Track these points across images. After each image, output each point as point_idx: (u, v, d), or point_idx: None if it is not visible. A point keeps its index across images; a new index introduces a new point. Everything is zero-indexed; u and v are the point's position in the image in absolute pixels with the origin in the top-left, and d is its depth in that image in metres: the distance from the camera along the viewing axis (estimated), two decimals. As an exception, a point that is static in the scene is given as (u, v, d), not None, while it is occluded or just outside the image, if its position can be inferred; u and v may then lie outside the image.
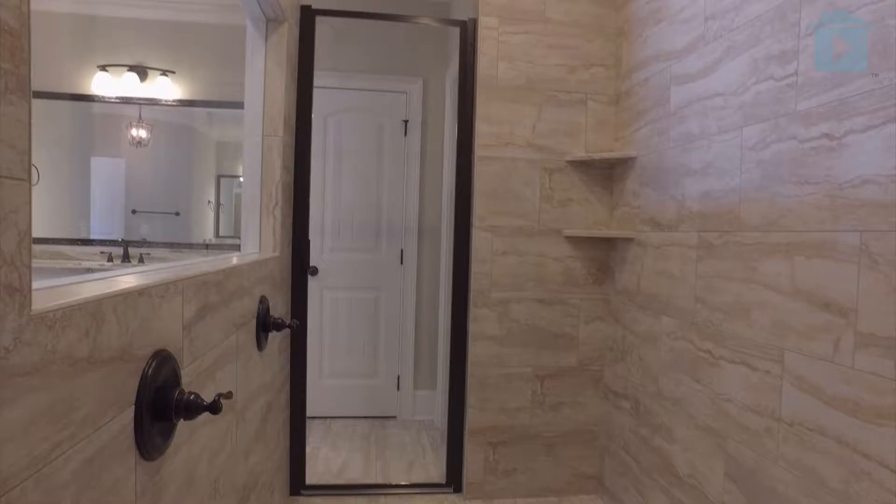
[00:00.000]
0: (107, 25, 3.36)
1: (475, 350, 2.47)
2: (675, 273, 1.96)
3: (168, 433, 0.90)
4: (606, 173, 2.52)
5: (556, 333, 2.52)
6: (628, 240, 2.33)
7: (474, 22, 2.51)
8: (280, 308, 2.15)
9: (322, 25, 2.64)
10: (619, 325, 2.42)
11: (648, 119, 2.18)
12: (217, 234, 3.60)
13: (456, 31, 2.60)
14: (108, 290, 0.76)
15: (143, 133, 3.44)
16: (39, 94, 3.23)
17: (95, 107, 3.40)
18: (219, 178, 3.64)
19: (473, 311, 2.46)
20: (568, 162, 2.49)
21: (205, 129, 3.62)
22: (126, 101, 3.37)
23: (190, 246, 3.45)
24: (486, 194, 2.45)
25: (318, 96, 2.54)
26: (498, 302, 2.47)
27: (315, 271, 3.39)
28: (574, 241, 2.50)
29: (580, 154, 2.48)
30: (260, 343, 1.68)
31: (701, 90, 1.81)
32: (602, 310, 2.54)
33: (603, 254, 2.53)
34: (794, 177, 1.39)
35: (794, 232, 1.39)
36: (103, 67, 3.34)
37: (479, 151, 2.45)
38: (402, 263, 3.52)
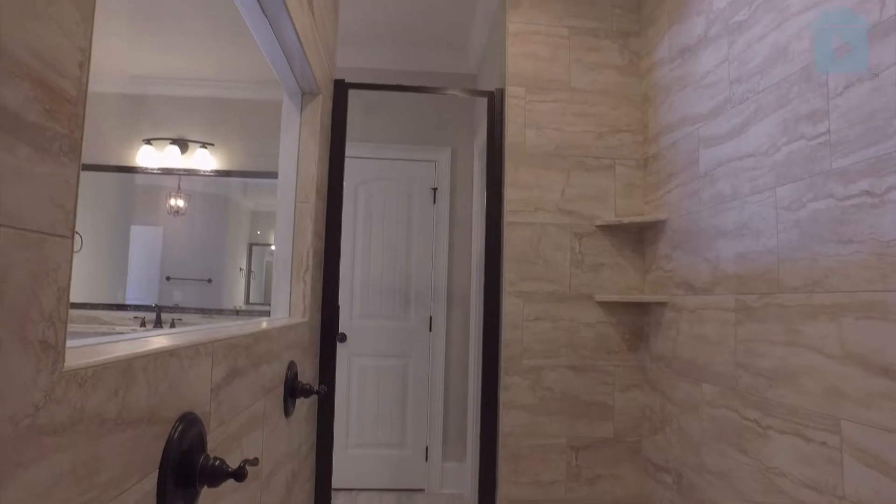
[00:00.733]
0: (154, 103, 3.58)
1: (506, 420, 2.38)
2: (712, 337, 1.89)
3: (191, 500, 0.87)
4: (637, 237, 2.50)
5: (591, 402, 2.43)
6: (662, 304, 2.27)
7: (501, 92, 2.59)
8: (308, 374, 2.13)
9: (354, 98, 2.77)
10: (656, 393, 2.32)
11: (678, 182, 2.18)
12: (247, 301, 3.64)
13: (483, 100, 2.69)
14: (139, 350, 0.76)
15: (180, 202, 3.57)
16: (90, 167, 3.42)
17: (139, 178, 3.57)
18: (251, 246, 3.72)
19: (504, 379, 2.39)
20: (598, 226, 2.48)
21: (239, 198, 3.75)
22: (167, 172, 3.53)
23: (220, 312, 3.49)
24: (516, 259, 2.44)
25: (349, 165, 2.62)
26: (530, 369, 2.41)
27: (343, 338, 3.37)
28: (606, 306, 2.45)
29: (610, 218, 2.47)
30: (287, 409, 1.64)
31: (730, 152, 1.81)
32: (638, 377, 2.44)
33: (636, 319, 2.47)
34: (835, 235, 1.35)
35: (839, 292, 1.34)
36: (148, 141, 3.53)
37: (508, 217, 2.47)
38: (430, 330, 3.48)
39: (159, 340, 0.92)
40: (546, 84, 2.54)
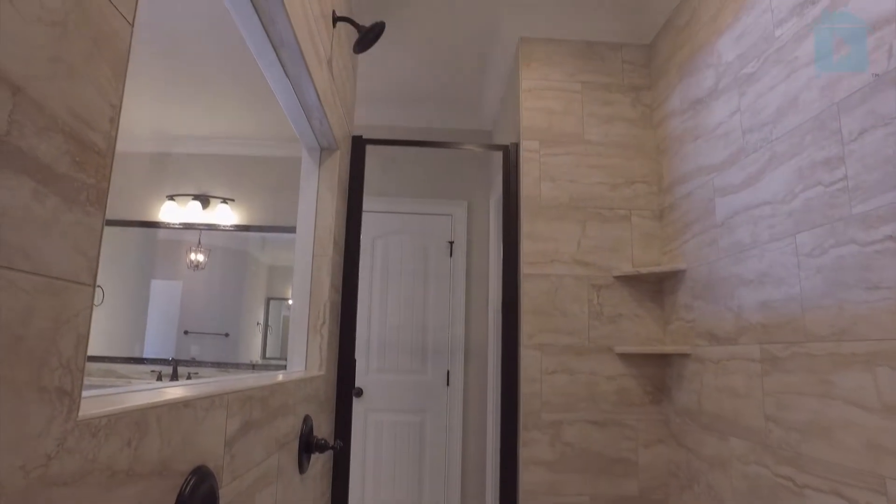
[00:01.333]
0: (178, 160, 3.71)
1: (526, 477, 2.30)
2: (739, 390, 1.83)
3: (201, 560, 0.84)
4: (656, 287, 2.46)
5: (614, 458, 2.33)
6: (684, 355, 2.22)
7: (516, 146, 2.64)
8: (324, 429, 2.09)
9: (371, 154, 2.84)
10: (682, 449, 2.23)
11: (695, 231, 2.17)
12: (264, 356, 3.63)
13: (499, 154, 2.74)
14: (153, 400, 0.76)
15: (200, 257, 3.63)
16: (115, 223, 3.51)
17: (161, 232, 3.65)
18: (268, 300, 3.74)
19: (524, 434, 2.32)
20: (616, 277, 2.46)
21: (258, 253, 3.80)
22: (188, 226, 3.61)
23: (237, 366, 3.48)
24: (534, 312, 2.42)
25: (366, 219, 2.66)
26: (549, 424, 2.34)
27: (360, 392, 3.32)
28: (627, 358, 2.40)
29: (627, 269, 2.45)
30: (302, 465, 1.60)
31: (747, 200, 1.80)
32: (662, 431, 2.36)
33: (658, 371, 2.40)
34: (861, 282, 1.32)
35: (871, 341, 1.29)
36: (171, 197, 3.64)
37: (525, 269, 2.46)
38: (448, 385, 3.42)
39: (174, 391, 0.91)
40: (560, 137, 2.58)
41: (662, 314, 2.44)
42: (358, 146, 2.63)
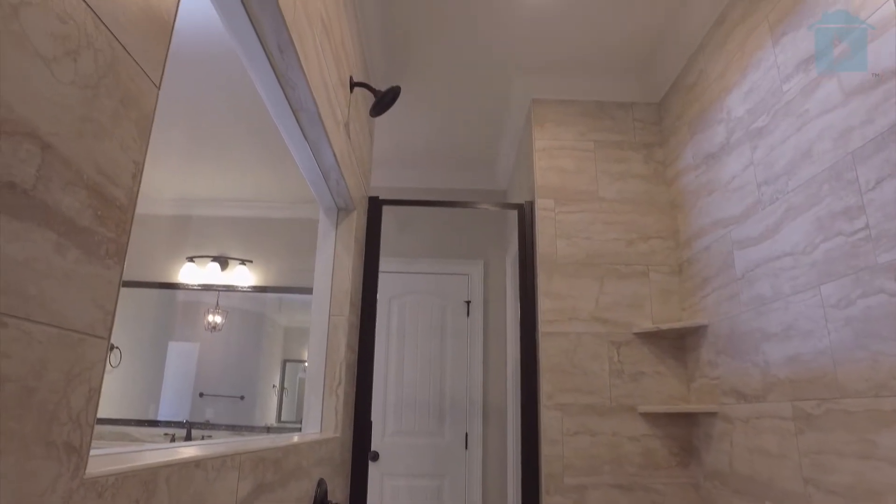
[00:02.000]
0: (198, 223, 3.79)
1: (551, 548, 2.17)
2: (772, 450, 1.74)
3: None
4: (678, 344, 2.40)
5: (644, 528, 2.21)
6: (711, 414, 2.13)
7: (531, 204, 2.66)
8: (338, 493, 2.02)
9: (388, 214, 2.88)
10: (716, 518, 2.10)
11: (715, 285, 2.13)
12: (279, 419, 3.57)
13: (514, 213, 2.76)
14: (163, 459, 0.74)
15: (218, 319, 3.64)
16: (135, 284, 3.56)
17: (180, 294, 3.69)
18: (285, 362, 3.72)
19: (546, 500, 2.22)
20: (635, 334, 2.41)
21: (274, 314, 3.81)
22: (207, 288, 3.65)
23: (251, 429, 3.42)
24: (553, 371, 2.36)
25: (382, 280, 2.66)
26: (572, 488, 2.23)
27: (376, 457, 3.23)
28: (650, 417, 2.31)
29: (647, 325, 2.40)
30: (314, 533, 1.54)
31: (766, 252, 1.78)
32: (691, 496, 2.23)
33: (684, 431, 2.30)
34: (895, 332, 1.27)
35: (908, 396, 1.23)
36: (191, 258, 3.70)
37: (542, 327, 2.42)
38: (466, 448, 3.32)
39: (185, 451, 0.89)
40: (574, 195, 2.60)
41: (685, 371, 2.37)
42: (374, 207, 2.67)
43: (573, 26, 2.38)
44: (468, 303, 3.57)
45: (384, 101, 2.05)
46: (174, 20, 0.74)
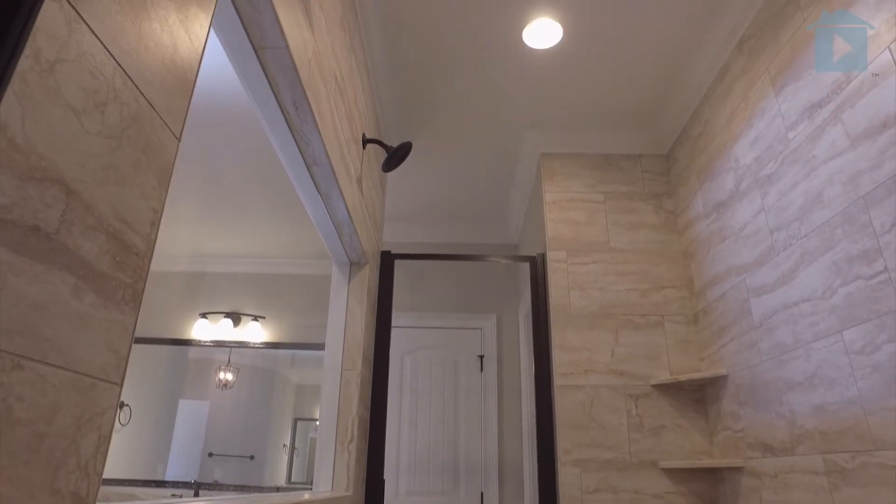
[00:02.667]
0: (212, 279, 3.83)
1: None
2: (806, 508, 1.65)
3: None
4: (697, 395, 2.34)
5: None
6: (737, 469, 2.04)
7: (543, 256, 2.66)
8: (348, 559, 1.93)
9: (400, 270, 2.90)
10: (750, 584, 1.98)
11: (733, 334, 2.09)
12: (289, 480, 3.47)
13: (526, 266, 2.76)
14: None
15: (229, 376, 3.61)
16: (148, 340, 3.56)
17: (192, 351, 3.68)
18: (296, 420, 3.65)
19: (568, 565, 2.11)
20: (653, 386, 2.35)
21: (286, 371, 3.78)
22: (219, 344, 3.64)
23: (261, 490, 3.32)
24: (570, 425, 2.30)
25: (395, 335, 2.64)
26: (595, 552, 2.12)
27: (387, 519, 3.11)
28: (673, 473, 2.22)
29: (665, 377, 2.35)
30: None
31: (783, 299, 1.75)
32: (724, 562, 2.11)
33: (709, 487, 2.20)
34: (921, 379, 1.23)
35: (944, 445, 1.18)
36: (204, 315, 3.71)
37: (558, 380, 2.37)
38: (481, 509, 3.19)
39: (194, 506, 0.87)
40: (586, 246, 2.60)
41: (707, 424, 2.29)
42: (387, 261, 2.68)
43: (580, 82, 2.46)
44: (481, 357, 3.52)
45: (396, 156, 2.10)
46: (196, 76, 0.77)
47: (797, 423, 1.69)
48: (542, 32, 2.17)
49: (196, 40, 0.77)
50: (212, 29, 1.03)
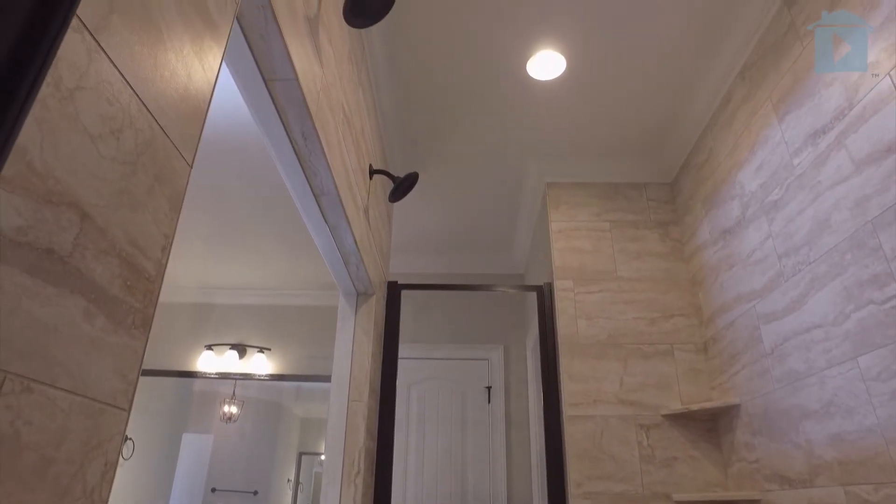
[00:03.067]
0: (218, 311, 3.82)
1: None
2: (827, 543, 1.60)
3: None
4: (710, 426, 2.29)
5: None
6: (754, 502, 1.98)
7: (550, 286, 2.66)
8: None
9: (406, 301, 2.89)
10: None
11: (744, 362, 2.06)
12: (293, 517, 3.40)
13: (533, 296, 2.74)
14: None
15: (234, 409, 3.58)
16: (153, 372, 3.53)
17: (197, 383, 3.65)
18: (300, 455, 3.60)
19: None
20: (664, 416, 2.31)
21: (291, 403, 3.74)
22: (224, 376, 3.61)
23: (264, 528, 3.25)
24: (580, 457, 2.25)
25: (401, 366, 2.62)
26: (609, 591, 2.05)
27: (394, 557, 3.02)
28: (689, 508, 2.16)
29: (676, 406, 2.31)
30: None
31: (794, 325, 1.73)
32: None
33: (728, 524, 2.14)
34: (940, 406, 1.21)
35: (968, 474, 1.14)
36: (210, 346, 3.69)
37: (567, 411, 2.34)
38: (490, 546, 3.10)
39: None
40: (593, 275, 2.59)
41: (721, 455, 2.24)
42: (394, 291, 2.68)
43: (584, 112, 2.49)
44: (489, 388, 3.48)
45: (402, 186, 2.12)
46: (208, 105, 0.79)
47: (814, 454, 1.65)
48: (546, 64, 2.20)
49: (209, 71, 0.79)
50: (223, 60, 1.05)
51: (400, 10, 1.96)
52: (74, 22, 0.50)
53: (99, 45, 0.54)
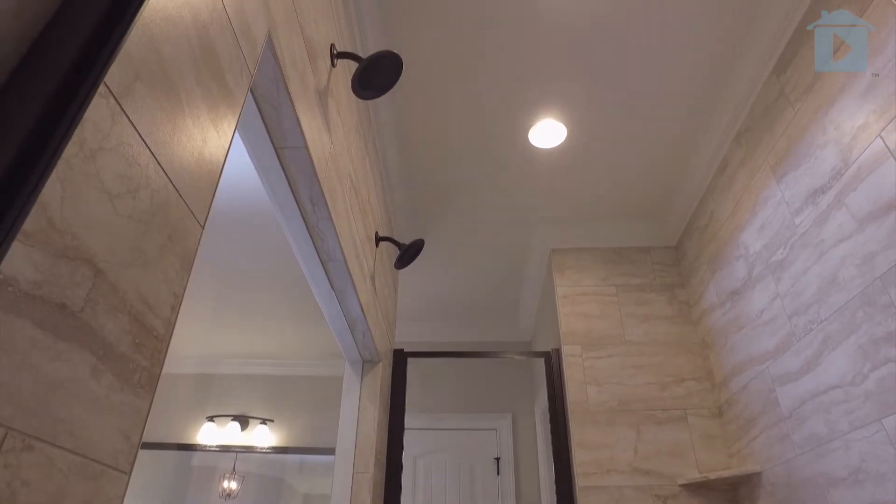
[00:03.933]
0: (221, 381, 3.76)
1: None
2: None
3: None
4: (730, 496, 2.19)
5: None
6: (786, 582, 1.86)
7: (558, 352, 2.62)
8: None
9: (412, 369, 2.83)
10: None
11: (761, 426, 1.99)
12: None
13: (540, 363, 2.70)
14: None
15: (233, 485, 3.44)
16: (152, 445, 3.43)
17: (197, 456, 3.53)
18: (303, 534, 3.43)
19: None
20: (682, 486, 2.21)
21: (293, 479, 3.60)
22: (225, 449, 3.50)
23: None
24: (595, 531, 2.14)
25: (407, 437, 2.55)
26: None
27: None
28: (715, 588, 2.02)
29: (694, 475, 2.21)
30: None
31: (811, 386, 1.69)
32: None
33: None
34: (971, 468, 1.15)
35: None
36: (211, 418, 3.60)
37: (579, 481, 2.25)
38: None
39: None
40: (601, 340, 2.56)
41: (747, 530, 2.12)
42: (400, 359, 2.65)
43: (586, 178, 2.54)
44: (497, 459, 3.36)
45: (408, 253, 2.14)
46: (221, 169, 0.81)
47: (844, 525, 1.56)
48: (547, 133, 2.28)
49: (223, 136, 0.82)
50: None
51: (406, 83, 2.05)
52: (101, 87, 0.52)
53: (122, 109, 0.57)
